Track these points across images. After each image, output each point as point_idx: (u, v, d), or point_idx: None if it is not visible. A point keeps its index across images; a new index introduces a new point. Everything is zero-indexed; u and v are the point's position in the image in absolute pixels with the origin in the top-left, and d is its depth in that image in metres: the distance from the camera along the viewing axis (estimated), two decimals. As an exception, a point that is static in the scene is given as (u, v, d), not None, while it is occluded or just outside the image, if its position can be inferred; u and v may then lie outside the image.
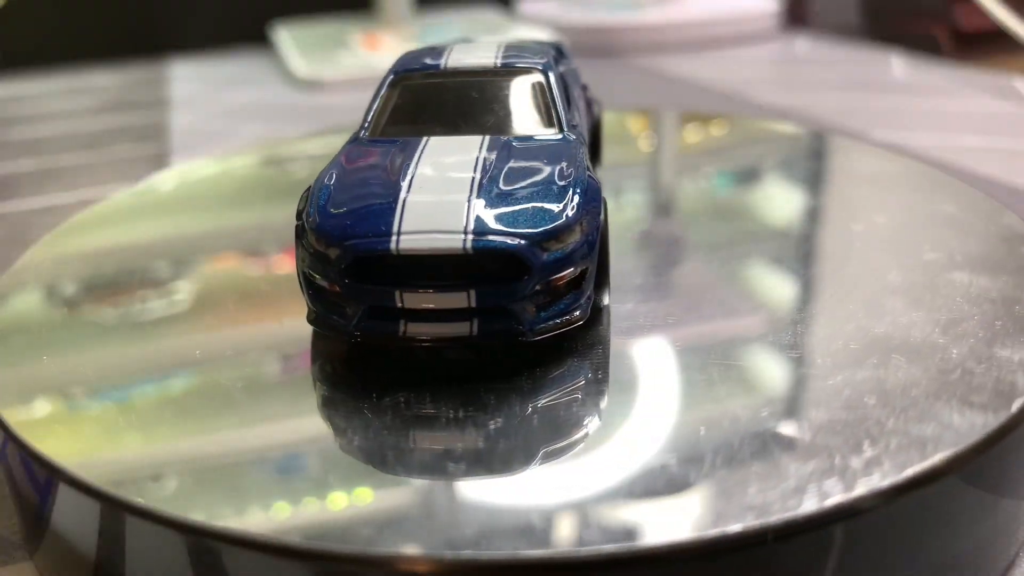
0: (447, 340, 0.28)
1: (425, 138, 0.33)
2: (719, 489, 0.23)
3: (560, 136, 0.33)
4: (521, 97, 0.35)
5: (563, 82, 0.39)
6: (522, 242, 0.27)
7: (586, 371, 0.29)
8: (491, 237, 0.27)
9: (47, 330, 0.33)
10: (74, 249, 0.40)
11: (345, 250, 0.28)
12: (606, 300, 0.33)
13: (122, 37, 1.03)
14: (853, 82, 0.80)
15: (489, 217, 0.28)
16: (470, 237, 0.27)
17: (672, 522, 0.22)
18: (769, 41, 0.99)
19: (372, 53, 0.90)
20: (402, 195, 0.29)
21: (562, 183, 0.29)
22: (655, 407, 0.27)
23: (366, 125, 0.35)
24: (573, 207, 0.29)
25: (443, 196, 0.29)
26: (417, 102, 0.36)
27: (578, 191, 0.29)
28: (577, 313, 0.29)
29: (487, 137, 0.33)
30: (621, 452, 0.25)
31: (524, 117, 0.34)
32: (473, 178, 0.29)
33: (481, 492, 0.24)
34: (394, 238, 0.27)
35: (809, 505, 0.22)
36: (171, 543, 0.23)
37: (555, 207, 0.28)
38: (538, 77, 0.36)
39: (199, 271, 0.38)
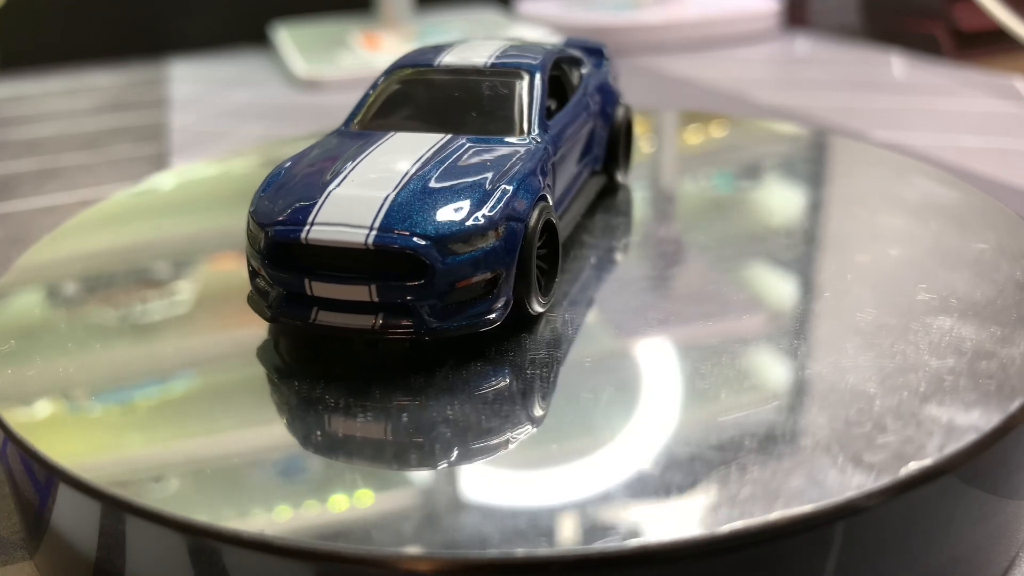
0: (352, 331, 0.29)
1: (391, 133, 0.34)
2: (719, 488, 0.23)
3: (524, 141, 0.33)
4: (499, 99, 0.35)
5: (560, 86, 0.39)
6: (422, 242, 0.28)
7: (587, 371, 0.29)
8: (394, 235, 0.28)
9: (47, 331, 0.33)
10: (74, 249, 0.40)
11: (266, 235, 0.29)
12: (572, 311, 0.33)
13: (122, 37, 1.03)
14: (853, 82, 0.80)
15: (401, 215, 0.28)
16: (374, 233, 0.28)
17: (672, 521, 0.22)
18: (769, 41, 0.99)
19: (372, 53, 0.90)
20: (331, 187, 0.30)
21: (490, 187, 0.30)
22: (655, 406, 0.27)
23: (349, 117, 0.36)
24: (489, 212, 0.29)
25: (366, 191, 0.29)
26: (401, 98, 0.37)
27: (503, 197, 0.29)
28: (490, 317, 0.29)
29: (448, 136, 0.33)
30: (622, 452, 0.25)
31: (494, 119, 0.35)
32: (405, 175, 0.30)
33: (481, 492, 0.24)
34: (306, 228, 0.28)
35: (809, 504, 0.22)
36: (171, 543, 0.23)
37: (469, 210, 0.29)
38: (523, 80, 0.36)
39: (199, 271, 0.38)
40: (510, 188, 0.30)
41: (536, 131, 0.34)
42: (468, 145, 0.33)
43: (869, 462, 0.23)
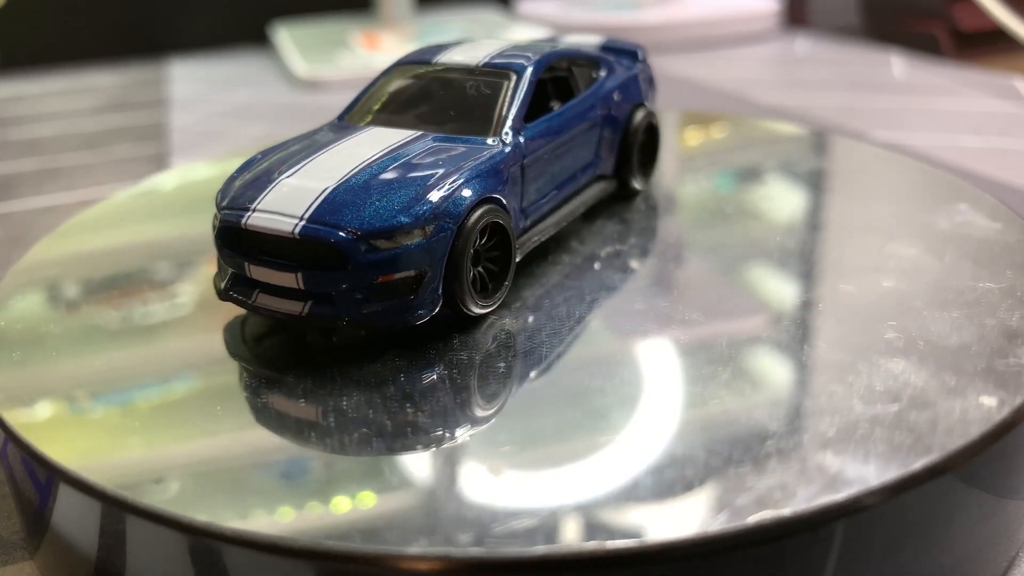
0: (283, 316, 0.30)
1: (369, 128, 0.35)
2: (720, 487, 0.23)
3: (490, 142, 0.33)
4: (480, 98, 0.36)
5: (567, 87, 0.39)
6: (344, 235, 0.29)
7: (588, 372, 0.29)
8: (319, 227, 0.29)
9: (48, 332, 0.33)
10: (75, 250, 0.40)
11: (216, 217, 0.31)
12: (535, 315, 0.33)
13: (122, 37, 1.03)
14: (853, 82, 0.80)
15: (332, 208, 0.29)
16: (302, 224, 0.29)
17: (674, 520, 0.22)
18: (769, 41, 0.99)
19: (372, 53, 0.90)
20: (282, 177, 0.31)
21: (427, 187, 0.30)
22: (656, 406, 0.27)
23: (343, 111, 0.38)
24: (417, 211, 0.29)
25: (309, 183, 0.31)
26: (392, 94, 0.38)
27: (436, 198, 0.30)
28: (415, 314, 0.29)
29: (416, 133, 0.34)
30: (621, 452, 0.25)
31: (470, 118, 0.35)
32: (353, 170, 0.31)
33: (482, 492, 0.24)
34: (248, 214, 0.30)
35: (810, 502, 0.22)
36: (172, 543, 0.23)
37: (398, 208, 0.29)
38: (509, 80, 0.36)
39: (200, 273, 0.38)
40: (448, 189, 0.30)
41: (506, 132, 0.34)
42: (432, 144, 0.33)
43: (736, 504, 0.22)
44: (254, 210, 0.30)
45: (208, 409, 0.28)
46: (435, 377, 0.29)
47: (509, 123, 0.34)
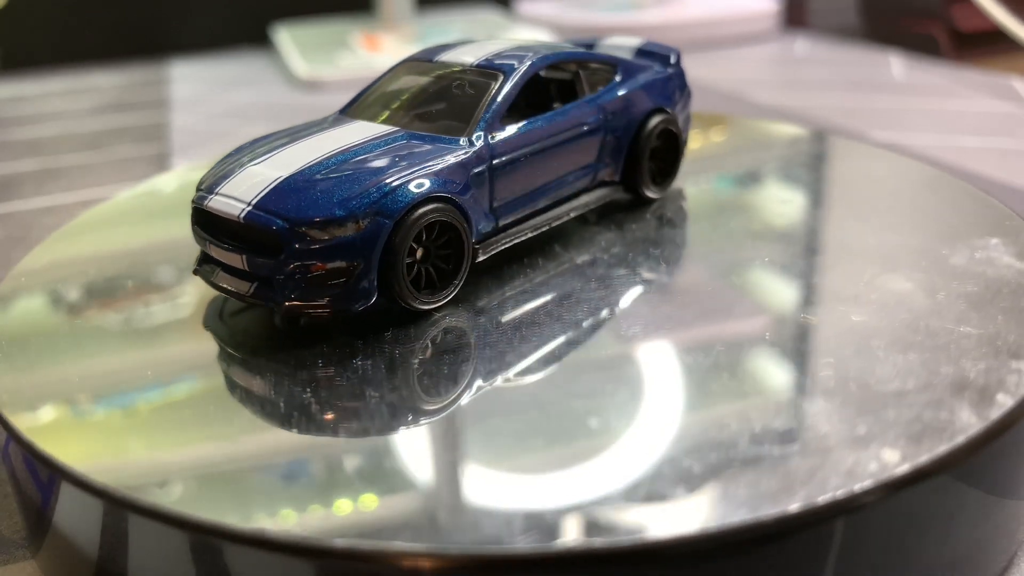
0: (233, 295, 0.32)
1: (352, 122, 0.36)
2: (720, 486, 0.23)
3: (457, 142, 0.33)
4: (464, 97, 0.36)
5: (571, 89, 0.39)
6: (281, 223, 0.30)
7: (588, 373, 0.29)
8: (262, 213, 0.30)
9: (50, 335, 0.33)
10: (76, 252, 0.40)
11: (193, 198, 0.33)
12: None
13: (123, 38, 1.03)
14: (852, 82, 0.80)
15: (278, 196, 0.31)
16: (248, 209, 0.31)
17: (674, 518, 0.22)
18: (768, 41, 0.99)
19: (372, 54, 0.90)
20: (252, 163, 0.33)
21: (372, 182, 0.31)
22: (656, 406, 0.27)
23: (348, 102, 0.39)
24: (353, 205, 0.30)
25: (270, 170, 0.32)
26: (389, 89, 0.39)
27: (375, 193, 0.30)
28: (349, 305, 0.30)
29: (393, 129, 0.35)
30: (621, 452, 0.25)
31: (447, 116, 0.35)
32: (313, 161, 0.32)
33: (482, 492, 0.24)
34: (211, 196, 0.32)
35: (810, 499, 0.22)
36: (174, 542, 0.23)
37: (335, 201, 0.30)
38: (496, 81, 0.36)
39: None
40: (390, 186, 0.31)
41: (477, 134, 0.34)
42: (402, 141, 0.34)
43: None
44: (216, 193, 0.32)
45: (210, 411, 0.28)
46: (436, 378, 0.29)
47: (482, 124, 0.34)
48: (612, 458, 0.25)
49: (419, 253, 0.32)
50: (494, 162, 0.34)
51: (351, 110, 0.38)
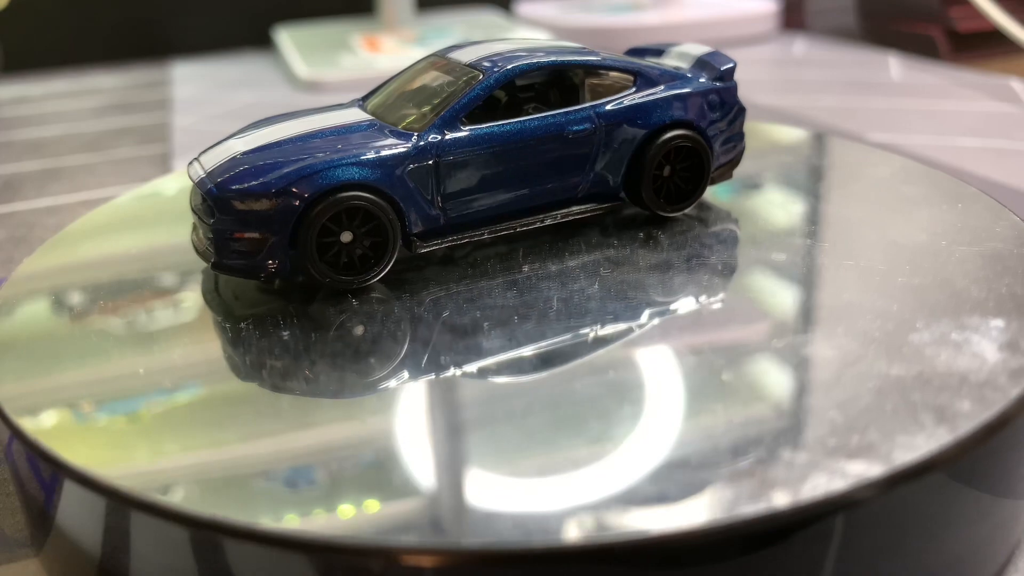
0: (198, 251, 0.36)
1: (348, 108, 0.39)
2: (719, 484, 0.23)
3: (407, 137, 0.35)
4: (439, 94, 0.37)
5: (563, 94, 0.39)
6: (212, 190, 0.33)
7: (588, 373, 0.29)
8: (207, 181, 0.34)
9: (51, 339, 0.33)
10: (78, 256, 0.40)
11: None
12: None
13: (125, 39, 1.03)
14: (850, 83, 0.80)
15: (225, 169, 0.34)
16: (203, 176, 0.34)
17: (674, 516, 0.22)
18: (767, 43, 0.99)
19: (373, 55, 0.90)
20: (231, 138, 0.37)
21: (298, 164, 0.33)
22: (656, 406, 0.27)
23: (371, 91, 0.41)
24: (270, 181, 0.33)
25: (239, 145, 0.36)
26: (400, 81, 0.40)
27: (293, 174, 0.33)
28: (263, 273, 0.34)
29: (366, 118, 0.37)
30: (621, 453, 0.25)
31: (415, 111, 0.37)
32: (274, 140, 0.35)
33: (483, 492, 0.24)
34: (193, 163, 0.36)
35: (809, 498, 0.22)
36: (177, 539, 0.23)
37: (259, 177, 0.33)
38: (474, 80, 0.37)
39: (205, 278, 0.37)
40: (313, 168, 0.33)
41: (428, 130, 0.35)
42: (362, 130, 0.36)
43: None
44: (196, 162, 0.36)
45: (213, 417, 0.28)
46: (436, 380, 0.29)
47: (438, 122, 0.35)
48: (612, 459, 0.25)
49: (344, 236, 0.34)
50: (442, 159, 0.35)
51: (367, 98, 0.40)
